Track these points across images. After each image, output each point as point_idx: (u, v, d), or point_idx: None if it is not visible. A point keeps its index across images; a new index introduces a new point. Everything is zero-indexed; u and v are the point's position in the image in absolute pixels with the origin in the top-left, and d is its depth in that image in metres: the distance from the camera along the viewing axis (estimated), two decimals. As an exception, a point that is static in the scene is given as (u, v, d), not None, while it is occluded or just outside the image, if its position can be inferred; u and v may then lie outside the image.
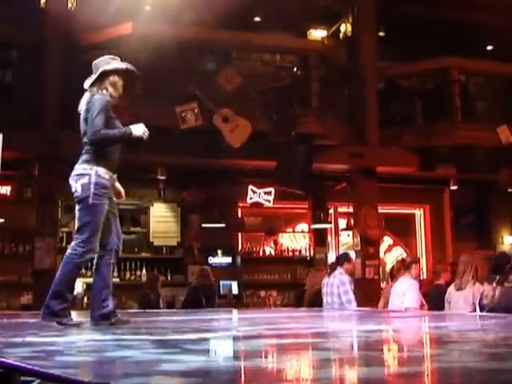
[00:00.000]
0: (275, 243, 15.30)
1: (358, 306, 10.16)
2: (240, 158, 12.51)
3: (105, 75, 6.02)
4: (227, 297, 13.61)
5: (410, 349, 4.37)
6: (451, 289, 8.13)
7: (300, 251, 15.35)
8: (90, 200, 5.67)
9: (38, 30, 12.35)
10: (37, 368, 2.24)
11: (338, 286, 10.04)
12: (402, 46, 15.08)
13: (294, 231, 15.78)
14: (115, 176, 5.97)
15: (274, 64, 14.25)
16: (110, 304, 5.83)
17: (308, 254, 15.31)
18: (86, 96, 5.99)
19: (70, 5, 12.51)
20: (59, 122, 11.93)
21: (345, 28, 14.60)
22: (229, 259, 14.41)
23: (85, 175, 5.70)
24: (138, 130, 5.92)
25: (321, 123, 12.75)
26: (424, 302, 9.02)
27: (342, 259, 10.57)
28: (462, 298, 7.85)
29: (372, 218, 13.48)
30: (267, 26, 14.78)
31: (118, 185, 6.14)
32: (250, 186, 14.34)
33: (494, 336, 5.12)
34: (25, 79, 12.17)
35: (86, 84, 6.07)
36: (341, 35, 14.83)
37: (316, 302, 11.15)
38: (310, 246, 15.40)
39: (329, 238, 15.78)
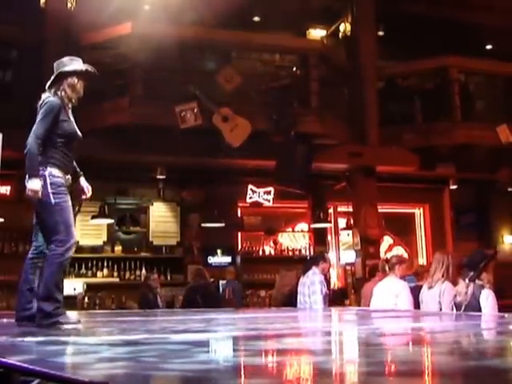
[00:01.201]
0: (275, 243, 15.30)
1: (356, 305, 10.15)
2: (239, 157, 12.51)
3: (63, 76, 5.97)
4: (228, 297, 13.59)
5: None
6: (424, 288, 8.11)
7: (300, 251, 15.34)
8: (52, 200, 5.63)
9: (38, 30, 12.35)
10: (36, 368, 2.24)
11: (308, 286, 10.06)
12: (401, 46, 15.09)
13: (293, 231, 15.78)
14: (68, 177, 5.92)
15: (273, 64, 14.25)
16: (34, 306, 5.70)
17: (308, 254, 15.30)
18: (42, 97, 5.95)
19: (69, 4, 12.49)
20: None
21: (344, 27, 14.61)
22: (228, 259, 14.40)
23: (40, 177, 5.66)
24: (33, 185, 5.64)
25: (320, 123, 12.75)
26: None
27: (319, 259, 10.57)
28: (431, 297, 7.83)
29: (372, 217, 13.48)
30: (267, 26, 14.80)
31: (83, 181, 6.21)
32: (250, 186, 14.33)
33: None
34: (25, 79, 12.15)
35: (47, 84, 6.02)
36: (340, 35, 14.85)
37: (287, 302, 11.15)
38: (309, 245, 15.40)
39: (329, 237, 15.78)
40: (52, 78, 5.98)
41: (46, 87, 6.01)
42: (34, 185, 5.61)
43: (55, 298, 5.59)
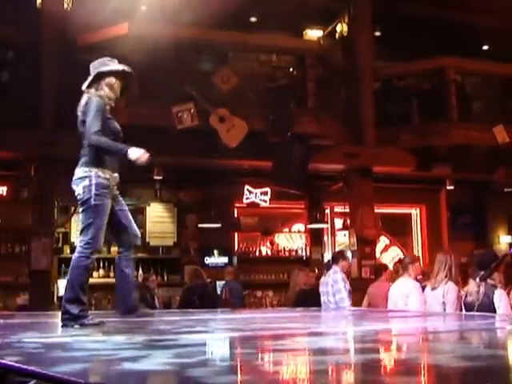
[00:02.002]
0: (271, 243, 15.31)
1: (354, 305, 10.15)
2: (236, 158, 12.52)
3: (101, 77, 6.06)
4: (224, 297, 13.58)
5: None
6: (427, 289, 8.11)
7: (296, 251, 15.36)
8: (92, 201, 5.73)
9: (34, 31, 12.35)
10: (33, 368, 2.24)
11: (331, 284, 10.03)
12: (398, 46, 15.11)
13: (290, 231, 15.80)
14: (116, 175, 6.05)
15: (270, 64, 14.25)
16: (134, 299, 6.02)
17: (304, 254, 15.33)
18: (84, 98, 6.02)
19: (65, 5, 12.50)
20: (55, 123, 11.93)
21: (341, 28, 14.62)
22: (225, 259, 14.40)
23: (85, 178, 5.76)
24: (135, 153, 5.90)
25: (317, 123, 12.76)
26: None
27: (338, 257, 10.55)
28: (434, 298, 7.84)
29: (368, 217, 13.49)
30: (263, 27, 14.82)
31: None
32: (247, 186, 14.34)
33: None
34: (21, 79, 12.17)
35: (84, 86, 6.10)
36: (337, 35, 14.86)
37: (299, 302, 11.16)
38: (306, 245, 15.42)
39: (325, 237, 15.80)
40: (90, 78, 6.07)
41: (84, 88, 6.10)
42: (135, 152, 5.88)
43: (81, 300, 5.68)
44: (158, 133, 11.64)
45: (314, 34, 16.26)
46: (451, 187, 15.52)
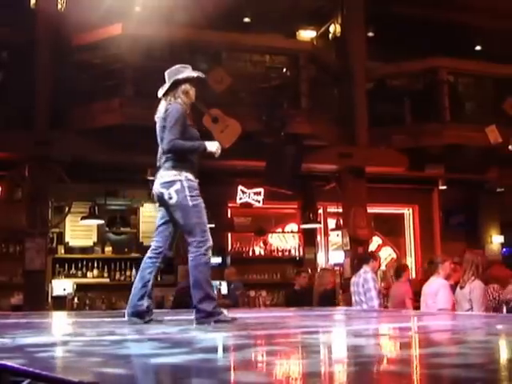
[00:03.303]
0: (265, 243, 15.34)
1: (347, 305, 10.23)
2: (230, 158, 12.52)
3: (177, 84, 6.17)
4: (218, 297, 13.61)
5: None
6: (457, 288, 8.22)
7: (289, 251, 15.40)
8: (190, 202, 5.91)
9: (28, 31, 12.34)
10: (26, 368, 2.27)
11: (362, 284, 10.15)
12: (390, 47, 15.12)
13: (283, 231, 15.84)
14: (197, 181, 6.18)
15: (263, 65, 14.25)
16: (145, 303, 5.99)
17: (297, 254, 15.37)
18: (163, 104, 6.17)
19: (59, 5, 12.51)
20: (50, 123, 11.94)
21: (334, 28, 14.66)
22: (219, 259, 14.40)
23: (175, 181, 5.93)
24: (212, 146, 6.12)
25: (310, 123, 12.78)
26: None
27: (369, 257, 10.69)
28: (463, 296, 7.94)
29: (361, 217, 13.52)
30: (257, 27, 14.84)
31: None
32: (240, 187, 14.36)
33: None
34: (15, 80, 12.17)
35: (160, 93, 6.24)
36: (330, 36, 14.89)
37: (323, 301, 11.27)
38: (299, 246, 15.45)
39: (318, 237, 15.84)
40: (167, 86, 6.19)
41: (161, 95, 6.23)
42: (213, 146, 6.09)
43: (212, 296, 5.85)
44: (152, 133, 11.62)
45: (307, 34, 16.29)
46: (444, 187, 15.56)
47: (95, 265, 13.93)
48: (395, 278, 11.60)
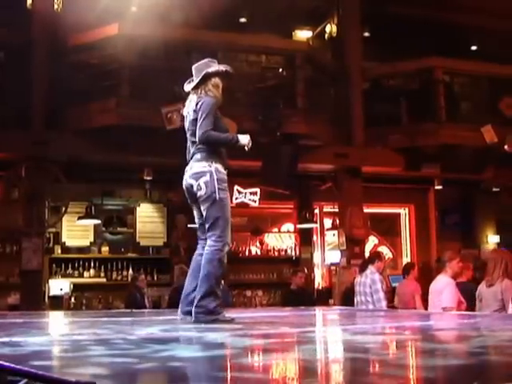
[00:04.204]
0: (261, 243, 15.35)
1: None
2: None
3: (207, 77, 6.19)
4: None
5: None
6: (482, 286, 8.18)
7: (286, 251, 15.41)
8: (217, 196, 5.91)
9: (25, 31, 12.35)
10: (24, 368, 2.28)
11: (369, 285, 10.06)
12: (386, 47, 15.15)
13: (279, 231, 15.85)
14: (226, 171, 6.19)
15: (259, 65, 14.27)
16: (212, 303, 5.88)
17: (294, 254, 15.38)
18: (193, 99, 6.17)
19: (56, 6, 12.52)
20: (46, 123, 11.95)
21: (330, 29, 14.67)
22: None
23: (205, 173, 5.94)
24: (244, 139, 6.17)
25: (306, 123, 12.80)
26: (463, 301, 8.89)
27: (374, 257, 10.63)
28: (492, 295, 7.93)
29: (357, 217, 13.55)
30: (253, 27, 14.84)
31: None
32: (236, 186, 14.35)
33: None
34: (11, 80, 12.17)
35: (188, 87, 6.26)
36: (326, 36, 14.90)
37: (346, 299, 11.32)
38: (295, 245, 15.46)
39: (314, 237, 15.84)
40: (197, 80, 6.19)
41: (190, 89, 6.24)
42: (244, 138, 6.15)
43: (217, 293, 5.82)
44: (149, 133, 11.67)
45: (303, 34, 16.32)
46: (439, 187, 15.59)
47: (92, 265, 13.93)
48: (403, 276, 11.59)
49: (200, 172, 5.96)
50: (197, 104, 6.07)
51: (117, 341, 4.47)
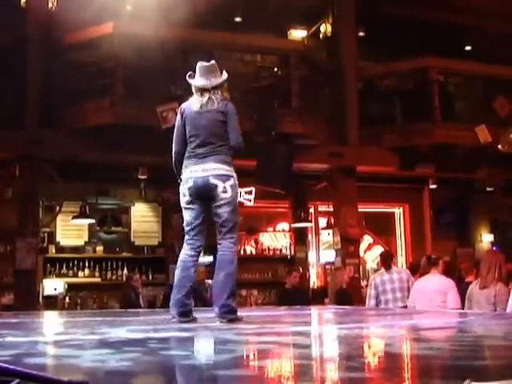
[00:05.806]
0: (256, 242, 15.35)
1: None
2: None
3: (224, 81, 6.18)
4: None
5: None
6: (473, 287, 8.16)
7: (281, 250, 15.41)
8: (237, 201, 6.04)
9: (19, 30, 12.33)
10: (16, 368, 2.27)
11: (407, 279, 9.84)
12: (381, 46, 15.16)
13: (274, 230, 15.84)
14: None
15: (254, 64, 14.27)
16: (192, 302, 6.10)
17: (288, 253, 15.38)
18: (215, 99, 6.05)
19: (50, 4, 12.49)
20: (40, 122, 11.93)
21: (325, 28, 14.67)
22: (210, 258, 14.38)
23: (231, 177, 5.93)
24: None
25: (301, 123, 12.81)
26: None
27: (391, 256, 10.57)
28: (485, 297, 7.91)
29: (352, 216, 13.57)
30: (248, 27, 14.83)
31: None
32: (231, 186, 14.34)
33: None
34: (6, 79, 12.15)
35: (209, 83, 6.08)
36: (321, 35, 14.90)
37: (339, 299, 11.31)
38: (290, 244, 15.47)
39: (309, 236, 15.85)
40: (221, 80, 6.13)
41: (209, 87, 6.06)
42: None
43: (236, 293, 5.99)
44: (143, 132, 11.66)
45: (298, 34, 16.32)
46: (434, 186, 15.64)
47: (86, 264, 13.91)
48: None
49: (227, 175, 5.91)
50: (223, 107, 6.02)
51: (110, 340, 4.47)
